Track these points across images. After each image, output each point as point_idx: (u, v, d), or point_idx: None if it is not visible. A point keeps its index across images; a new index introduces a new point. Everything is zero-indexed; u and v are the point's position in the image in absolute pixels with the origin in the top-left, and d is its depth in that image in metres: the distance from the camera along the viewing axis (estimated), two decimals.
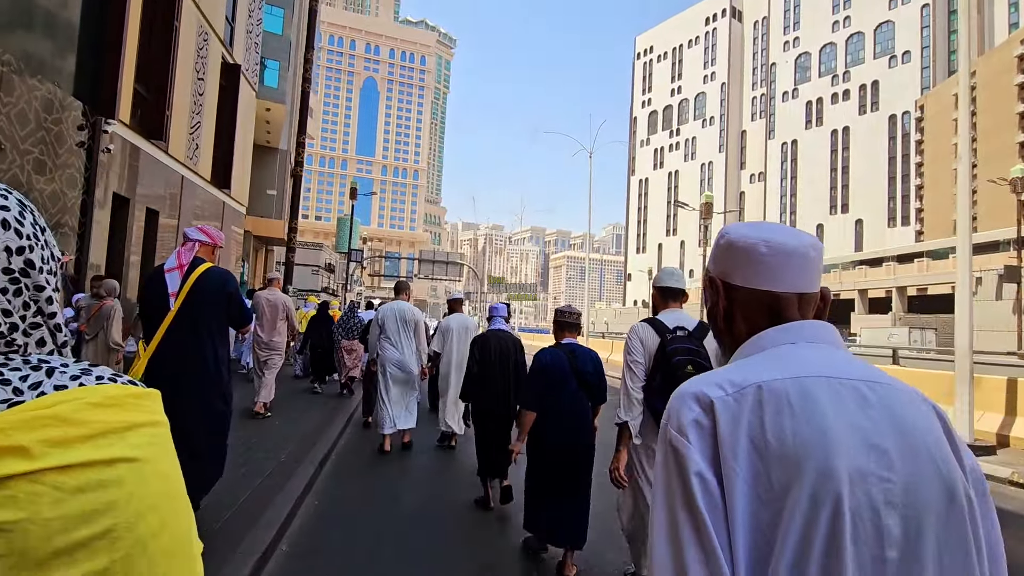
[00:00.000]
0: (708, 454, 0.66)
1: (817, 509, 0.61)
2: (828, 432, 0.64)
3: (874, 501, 0.62)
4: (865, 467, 0.63)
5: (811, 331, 0.74)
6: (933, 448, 0.66)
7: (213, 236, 3.13)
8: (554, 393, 3.01)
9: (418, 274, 38.37)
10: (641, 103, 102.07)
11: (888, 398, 0.68)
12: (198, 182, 9.23)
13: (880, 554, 0.61)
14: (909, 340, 29.36)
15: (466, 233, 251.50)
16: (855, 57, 71.70)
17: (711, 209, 25.72)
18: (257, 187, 33.63)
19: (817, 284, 0.79)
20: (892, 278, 35.54)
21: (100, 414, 0.46)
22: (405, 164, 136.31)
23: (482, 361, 4.06)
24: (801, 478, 0.62)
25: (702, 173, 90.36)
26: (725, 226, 0.85)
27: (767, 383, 0.67)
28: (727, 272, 0.81)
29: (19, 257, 0.52)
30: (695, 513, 0.64)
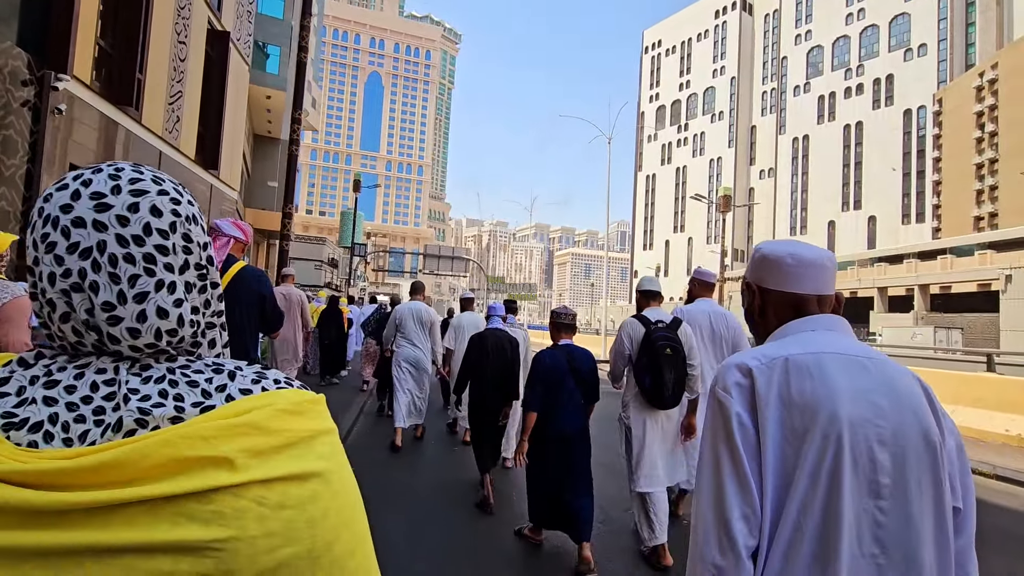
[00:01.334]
0: (746, 406, 0.92)
1: (826, 444, 0.87)
2: (836, 390, 0.89)
3: (869, 440, 0.88)
4: (863, 415, 0.88)
5: (827, 322, 1.00)
6: (915, 406, 0.91)
7: (247, 232, 2.83)
8: (554, 391, 3.17)
9: (423, 269, 37.41)
10: (649, 98, 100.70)
11: (883, 369, 0.94)
12: (179, 160, 8.22)
13: (875, 478, 0.87)
14: (935, 340, 28.15)
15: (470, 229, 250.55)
16: (869, 50, 70.20)
17: (729, 202, 24.54)
18: (258, 178, 32.75)
19: (832, 288, 1.04)
20: (914, 275, 34.29)
21: (290, 422, 0.45)
22: (409, 159, 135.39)
23: (480, 359, 4.20)
24: (815, 422, 0.88)
25: (711, 169, 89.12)
26: (759, 243, 1.10)
27: (792, 356, 0.93)
28: (761, 278, 1.07)
29: (204, 252, 0.52)
30: (733, 447, 0.90)
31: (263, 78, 26.24)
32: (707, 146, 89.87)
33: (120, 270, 0.46)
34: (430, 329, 5.66)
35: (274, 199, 34.00)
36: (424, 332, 5.62)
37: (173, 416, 0.43)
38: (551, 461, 3.16)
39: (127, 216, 0.47)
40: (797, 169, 77.26)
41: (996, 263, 30.21)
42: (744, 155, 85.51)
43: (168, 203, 0.49)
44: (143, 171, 0.50)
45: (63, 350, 0.49)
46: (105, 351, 0.47)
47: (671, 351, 3.06)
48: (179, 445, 0.40)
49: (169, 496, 0.39)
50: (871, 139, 68.07)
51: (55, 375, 0.46)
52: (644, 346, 3.13)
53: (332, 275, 51.79)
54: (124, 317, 0.47)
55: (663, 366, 3.05)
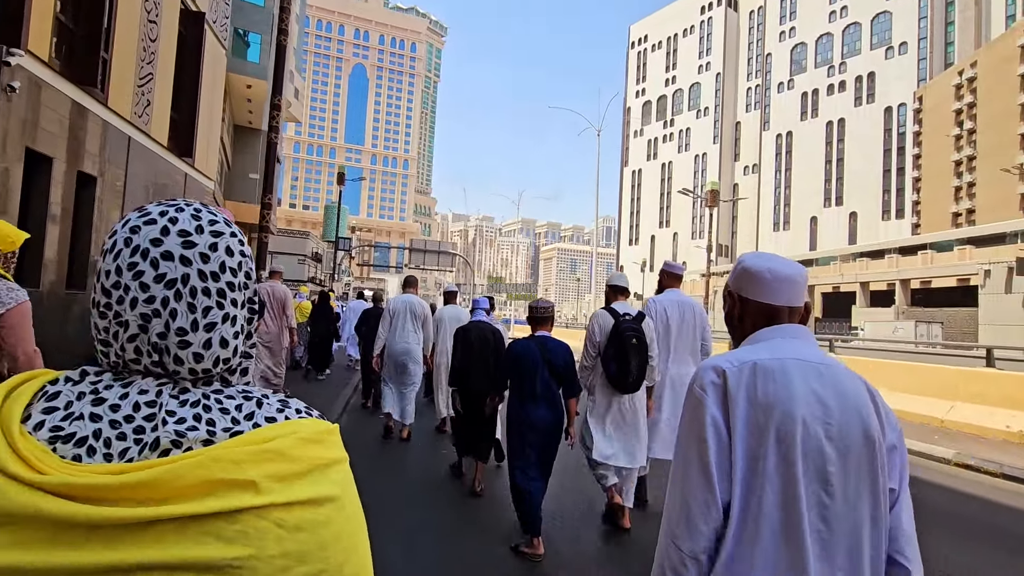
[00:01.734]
0: (719, 404, 1.06)
1: (781, 437, 1.02)
2: (793, 392, 1.04)
3: (819, 436, 1.03)
4: (815, 414, 1.04)
5: (793, 331, 1.13)
6: (860, 406, 1.06)
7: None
8: (528, 380, 3.24)
9: (408, 264, 36.91)
10: (635, 93, 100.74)
11: (834, 374, 1.08)
12: (150, 146, 7.78)
13: (823, 467, 1.02)
14: (915, 334, 28.56)
15: (456, 224, 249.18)
16: (851, 48, 70.93)
17: (716, 197, 24.58)
18: (239, 170, 31.95)
19: (802, 300, 1.17)
20: (895, 270, 34.76)
21: (311, 450, 0.47)
22: (395, 153, 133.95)
23: (465, 351, 4.32)
24: (772, 419, 1.03)
25: (696, 165, 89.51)
26: (742, 255, 1.23)
27: (760, 361, 1.07)
28: (741, 288, 1.19)
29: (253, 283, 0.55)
30: (704, 441, 1.05)
31: (243, 66, 25.48)
32: (692, 142, 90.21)
33: (198, 301, 0.51)
34: (423, 322, 5.78)
35: (255, 192, 33.20)
36: (417, 325, 5.74)
37: (205, 439, 0.46)
38: (524, 448, 3.26)
39: (208, 254, 0.52)
40: (781, 165, 77.95)
41: (975, 258, 30.74)
42: (729, 151, 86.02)
43: (237, 244, 0.54)
44: (215, 213, 0.54)
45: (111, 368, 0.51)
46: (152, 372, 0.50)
47: (636, 341, 3.34)
48: (211, 467, 0.42)
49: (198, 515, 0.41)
50: (853, 136, 68.89)
51: (102, 392, 0.48)
52: (612, 336, 3.40)
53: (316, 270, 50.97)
54: (193, 343, 0.50)
55: (629, 354, 3.32)
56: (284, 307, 6.41)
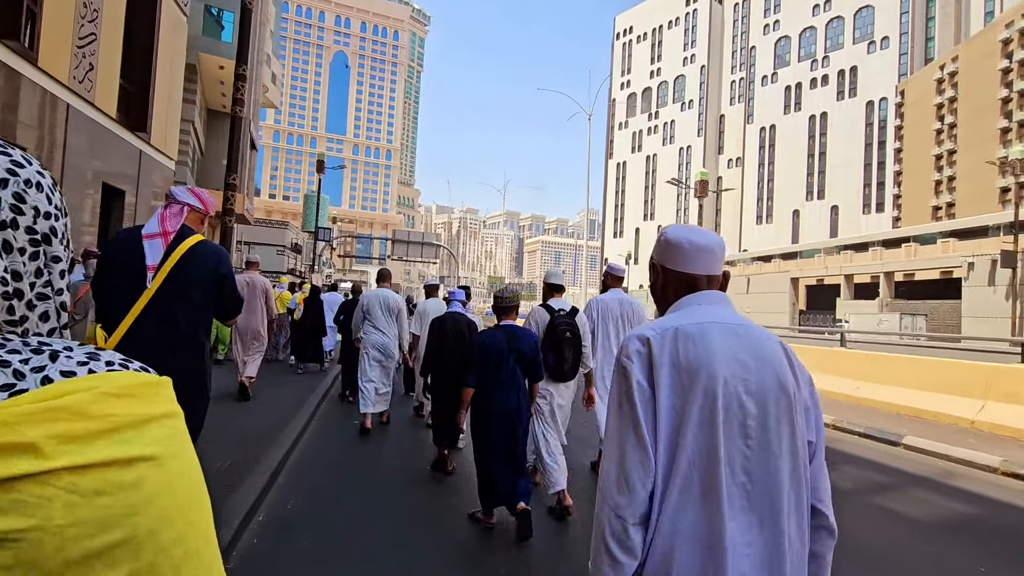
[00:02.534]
0: (645, 370, 1.11)
1: (705, 396, 1.08)
2: (713, 353, 1.10)
3: (739, 391, 1.09)
4: (734, 372, 1.10)
5: (711, 297, 1.21)
6: (775, 363, 1.13)
7: (206, 201, 2.50)
8: (495, 369, 3.32)
9: (391, 255, 35.95)
10: (620, 85, 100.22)
11: (751, 335, 1.15)
12: (95, 116, 6.91)
13: (744, 421, 1.08)
14: (900, 326, 28.63)
15: (440, 216, 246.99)
16: (834, 42, 71.26)
17: (706, 187, 24.20)
18: (213, 156, 30.57)
19: (719, 269, 1.24)
20: (879, 263, 34.86)
21: (116, 405, 0.42)
22: (378, 143, 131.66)
23: (439, 340, 4.36)
24: (698, 379, 1.08)
25: (680, 157, 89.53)
26: (665, 228, 1.30)
27: (681, 326, 1.14)
28: (664, 259, 1.26)
29: (46, 222, 0.50)
30: (633, 407, 1.10)
31: (216, 46, 24.20)
32: (677, 134, 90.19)
33: None
34: (397, 316, 5.73)
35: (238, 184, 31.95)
36: (392, 319, 5.69)
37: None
38: (492, 435, 3.30)
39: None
40: (764, 158, 78.30)
41: (958, 251, 30.92)
42: (713, 144, 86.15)
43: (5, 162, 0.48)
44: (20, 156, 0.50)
45: None
46: None
47: (571, 334, 3.64)
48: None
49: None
50: (835, 130, 69.34)
51: None
52: (548, 330, 3.69)
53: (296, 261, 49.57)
54: None
55: (564, 346, 3.60)
56: (265, 298, 6.38)
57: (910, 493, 4.35)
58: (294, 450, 4.68)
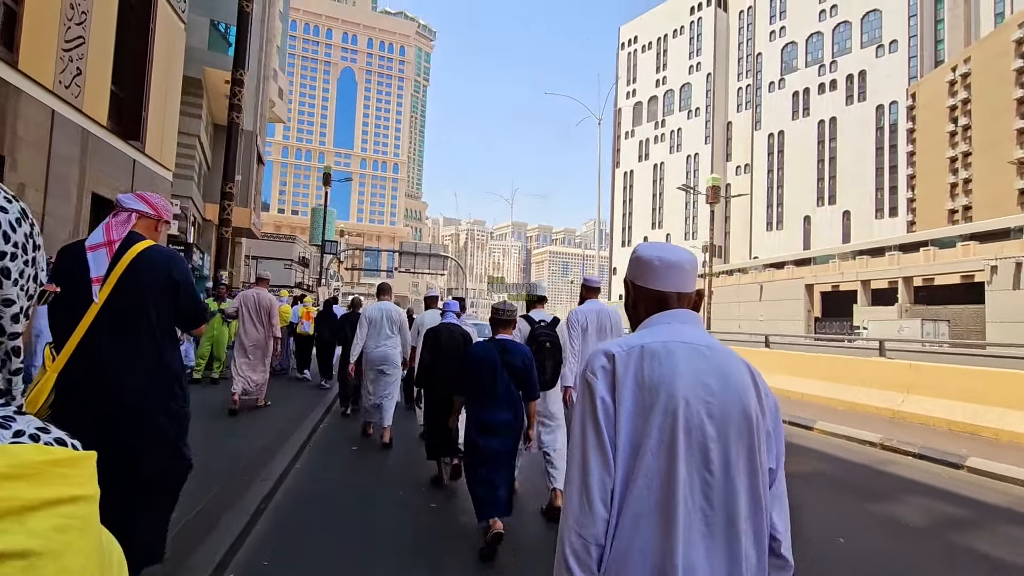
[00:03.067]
0: (608, 387, 1.09)
1: (665, 416, 1.06)
2: (676, 373, 1.08)
3: (700, 413, 1.07)
4: (697, 394, 1.07)
5: (680, 316, 1.19)
6: (740, 387, 1.10)
7: (157, 206, 2.30)
8: (488, 383, 3.28)
9: (399, 267, 35.63)
10: (626, 94, 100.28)
11: (717, 356, 1.13)
12: (82, 123, 6.56)
13: (704, 444, 1.06)
14: (922, 333, 27.75)
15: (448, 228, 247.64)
16: (842, 47, 70.83)
17: (718, 193, 23.66)
18: (220, 171, 30.50)
19: (691, 287, 1.23)
20: (897, 268, 33.97)
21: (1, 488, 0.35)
22: (385, 157, 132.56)
23: (434, 351, 4.31)
24: (659, 398, 1.06)
25: (688, 165, 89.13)
26: (637, 245, 1.29)
27: (647, 344, 1.12)
28: (635, 276, 1.25)
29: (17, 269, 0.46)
30: (597, 422, 1.08)
31: (222, 60, 24.16)
32: (684, 142, 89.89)
33: None
34: (400, 328, 5.80)
35: (239, 193, 31.87)
36: (395, 331, 5.77)
37: None
38: (485, 452, 3.25)
39: None
40: (773, 164, 77.67)
41: (979, 254, 30.02)
42: (721, 151, 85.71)
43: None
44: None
45: None
46: None
47: (550, 344, 3.75)
48: None
49: None
50: (845, 134, 68.68)
51: None
52: (529, 340, 3.77)
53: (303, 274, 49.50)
54: None
55: (543, 355, 3.67)
56: (270, 315, 6.43)
57: (993, 529, 3.77)
58: (286, 477, 4.29)
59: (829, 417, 7.15)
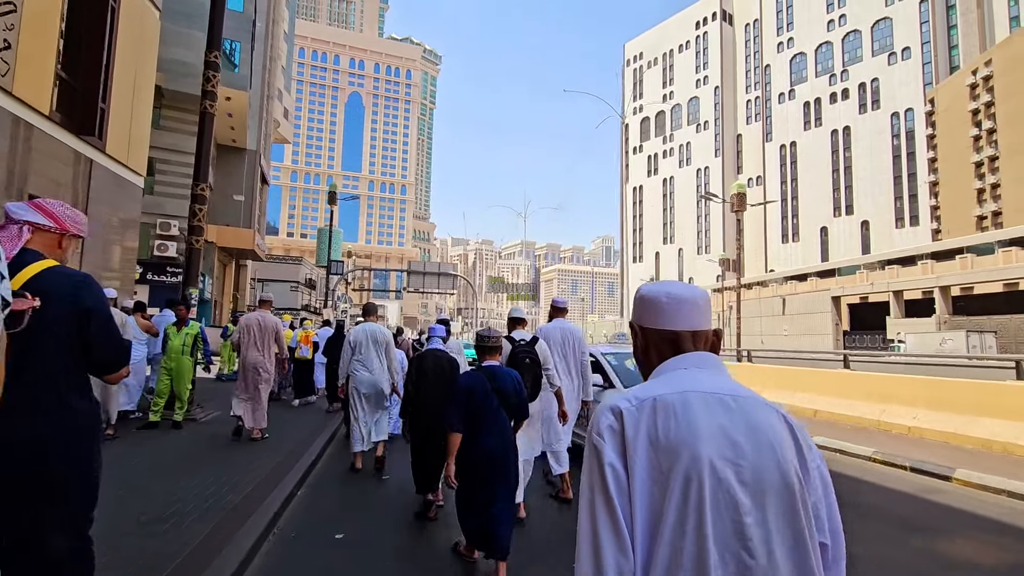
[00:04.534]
0: (618, 449, 0.93)
1: (688, 484, 0.88)
2: (698, 430, 0.91)
3: (730, 480, 0.88)
4: (724, 454, 0.90)
5: (697, 359, 1.03)
6: (775, 443, 0.92)
7: (58, 215, 1.88)
8: (478, 412, 3.23)
9: (407, 287, 34.50)
10: (633, 110, 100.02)
11: (745, 407, 0.95)
12: (12, 108, 5.33)
13: (739, 519, 0.87)
14: (967, 346, 25.84)
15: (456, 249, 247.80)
16: (853, 55, 70.03)
17: (744, 200, 22.25)
18: (222, 192, 29.66)
19: (707, 324, 1.08)
20: (933, 277, 32.12)
21: None
22: (392, 179, 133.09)
23: (419, 380, 4.19)
24: (679, 462, 0.89)
25: (698, 179, 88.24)
26: (640, 286, 1.16)
27: (660, 396, 0.95)
28: (641, 318, 1.11)
29: None
30: (607, 493, 0.90)
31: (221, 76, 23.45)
32: (693, 156, 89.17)
33: None
34: (386, 349, 5.61)
35: (240, 214, 30.92)
36: (380, 352, 5.58)
37: None
38: (476, 480, 3.18)
39: None
40: (786, 176, 76.45)
41: (1022, 260, 28.16)
42: (731, 164, 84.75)
43: None
44: None
45: None
46: None
47: (530, 361, 4.04)
48: None
49: None
50: (859, 143, 67.48)
51: None
52: (510, 358, 3.99)
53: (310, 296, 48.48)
54: None
55: (523, 372, 3.84)
56: (276, 337, 6.26)
57: None
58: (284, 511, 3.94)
59: (966, 462, 5.58)
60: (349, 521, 3.95)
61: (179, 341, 5.95)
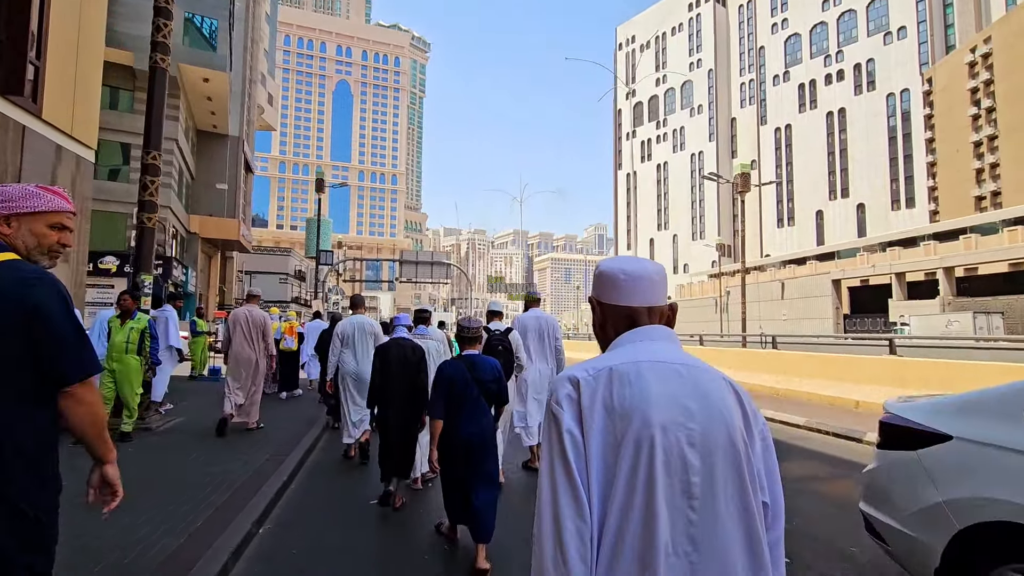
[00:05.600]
0: (576, 417, 0.98)
1: (640, 446, 0.93)
2: (651, 397, 0.96)
3: (680, 442, 0.94)
4: (675, 419, 0.95)
5: (651, 332, 1.08)
6: (723, 408, 0.98)
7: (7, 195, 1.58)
8: (458, 400, 3.34)
9: (400, 278, 33.48)
10: (625, 94, 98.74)
11: (695, 375, 1.01)
12: None
13: (687, 478, 0.93)
14: (975, 327, 25.29)
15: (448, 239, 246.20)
16: (848, 36, 69.13)
17: (748, 181, 21.42)
18: (203, 180, 28.40)
19: (662, 300, 1.12)
20: (936, 258, 31.54)
21: None
22: (383, 169, 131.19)
23: (383, 369, 4.24)
24: (632, 426, 0.94)
25: (692, 164, 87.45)
26: (600, 261, 1.19)
27: (615, 366, 1.00)
28: (600, 294, 1.15)
29: None
30: (565, 458, 0.95)
31: (199, 56, 22.14)
32: (687, 141, 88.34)
33: None
34: (374, 340, 5.69)
35: (224, 203, 29.67)
36: (368, 343, 5.68)
37: None
38: (459, 464, 3.31)
39: None
40: (781, 159, 75.84)
41: None
42: (726, 148, 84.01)
43: None
44: None
45: None
46: None
47: (502, 347, 4.65)
48: None
49: None
50: (855, 125, 66.87)
51: None
52: (486, 345, 4.51)
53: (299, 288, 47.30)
54: None
55: (497, 356, 4.28)
56: (264, 332, 6.33)
57: None
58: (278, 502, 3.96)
59: None
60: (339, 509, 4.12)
61: (122, 337, 4.99)
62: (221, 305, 32.11)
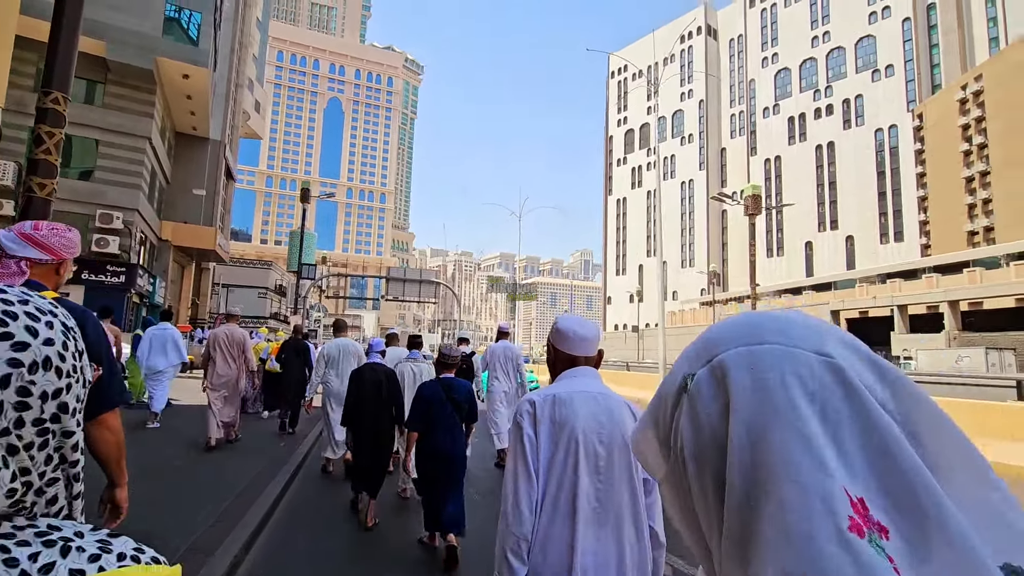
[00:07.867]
0: (532, 424, 1.56)
1: (570, 442, 1.53)
2: (577, 413, 1.55)
3: (593, 440, 1.54)
4: (592, 427, 1.55)
5: (583, 371, 1.65)
6: (619, 421, 1.57)
7: (54, 247, 1.66)
8: (434, 417, 3.78)
9: (386, 295, 31.54)
10: (616, 122, 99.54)
11: (606, 400, 1.60)
12: None
13: (597, 463, 1.53)
14: (987, 364, 24.25)
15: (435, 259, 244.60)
16: (837, 72, 70.53)
17: (759, 203, 20.38)
18: (180, 185, 26.41)
19: (595, 351, 1.68)
20: (940, 291, 30.80)
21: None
22: (372, 187, 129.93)
23: (357, 393, 4.52)
24: (565, 430, 1.54)
25: (682, 191, 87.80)
26: (557, 317, 1.74)
27: (558, 394, 1.59)
28: (556, 342, 1.69)
29: (53, 402, 0.43)
30: (524, 451, 1.54)
31: (177, 50, 20.54)
32: (678, 169, 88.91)
33: None
34: (357, 361, 5.98)
35: (200, 211, 27.75)
36: (352, 364, 5.88)
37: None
38: (432, 474, 3.78)
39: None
40: (771, 190, 76.29)
41: None
42: (716, 177, 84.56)
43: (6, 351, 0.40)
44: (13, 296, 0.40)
45: None
46: None
47: (466, 366, 6.09)
48: None
49: None
50: (844, 159, 67.65)
51: None
52: None
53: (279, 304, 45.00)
54: None
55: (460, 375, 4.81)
56: (243, 350, 6.62)
57: None
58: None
59: None
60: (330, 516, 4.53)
61: None
62: (192, 319, 29.84)
